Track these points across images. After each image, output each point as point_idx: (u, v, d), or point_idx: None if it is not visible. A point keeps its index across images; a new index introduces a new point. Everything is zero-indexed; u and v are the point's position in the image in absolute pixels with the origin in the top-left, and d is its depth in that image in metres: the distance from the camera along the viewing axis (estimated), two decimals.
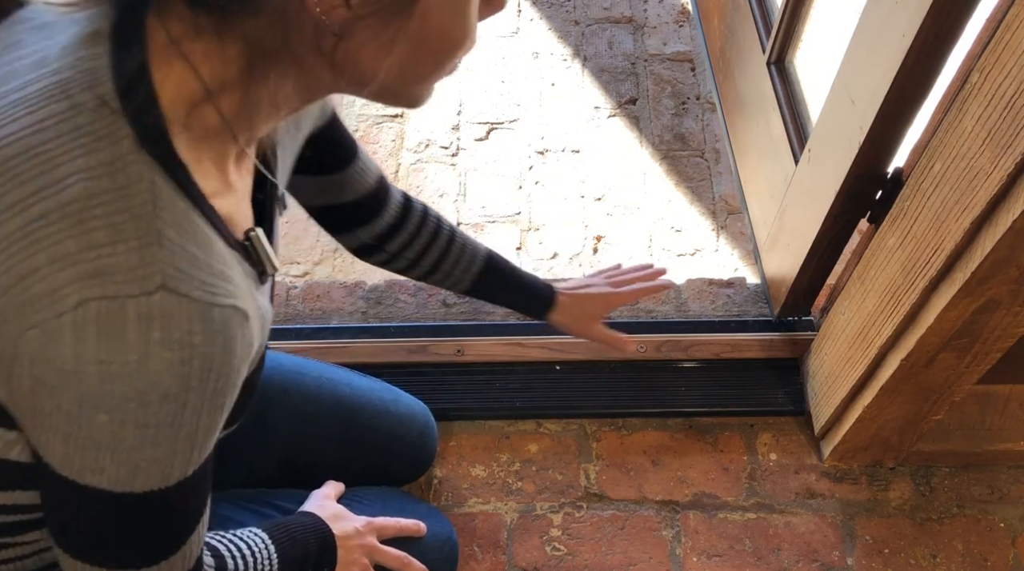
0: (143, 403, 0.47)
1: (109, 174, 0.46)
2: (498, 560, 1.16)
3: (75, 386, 0.46)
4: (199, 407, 0.50)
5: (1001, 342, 0.96)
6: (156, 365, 0.46)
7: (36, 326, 0.45)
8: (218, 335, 0.49)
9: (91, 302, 0.45)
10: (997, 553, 1.18)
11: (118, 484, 0.51)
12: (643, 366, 1.31)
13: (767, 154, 1.39)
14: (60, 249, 0.45)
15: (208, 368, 0.49)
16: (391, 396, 1.11)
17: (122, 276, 0.45)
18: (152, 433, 0.49)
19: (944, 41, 0.87)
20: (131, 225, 0.46)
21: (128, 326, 0.45)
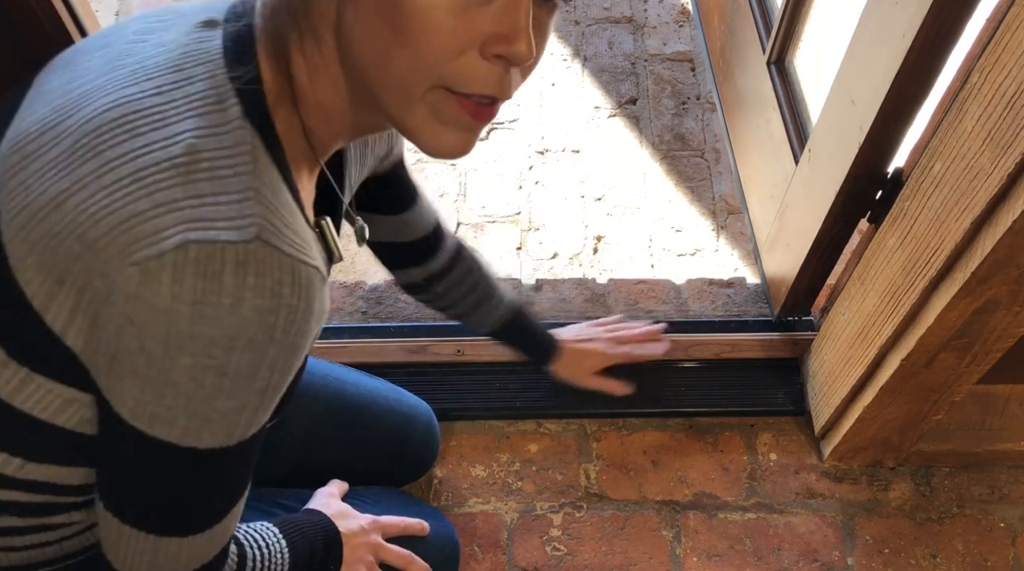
0: (228, 348, 0.49)
1: (216, 135, 0.51)
2: (498, 560, 1.16)
3: (165, 325, 0.48)
4: (276, 361, 0.52)
5: (1001, 342, 0.96)
6: (247, 310, 0.48)
7: (137, 264, 0.47)
8: (303, 290, 0.51)
9: (192, 244, 0.47)
10: (997, 553, 1.18)
11: (185, 438, 0.53)
12: (643, 366, 1.31)
13: (767, 154, 1.39)
14: (166, 195, 0.48)
15: (291, 320, 0.51)
16: (395, 396, 1.11)
17: (223, 223, 0.48)
18: (229, 383, 0.51)
19: (944, 41, 0.87)
20: (233, 180, 0.50)
21: (226, 269, 0.47)
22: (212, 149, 0.50)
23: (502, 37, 0.50)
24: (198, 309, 0.47)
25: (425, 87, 0.52)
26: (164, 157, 0.49)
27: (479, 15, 0.49)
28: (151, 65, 0.54)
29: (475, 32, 0.50)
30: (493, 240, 1.55)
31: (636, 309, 1.40)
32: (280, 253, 0.49)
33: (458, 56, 0.51)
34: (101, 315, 0.49)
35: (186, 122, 0.50)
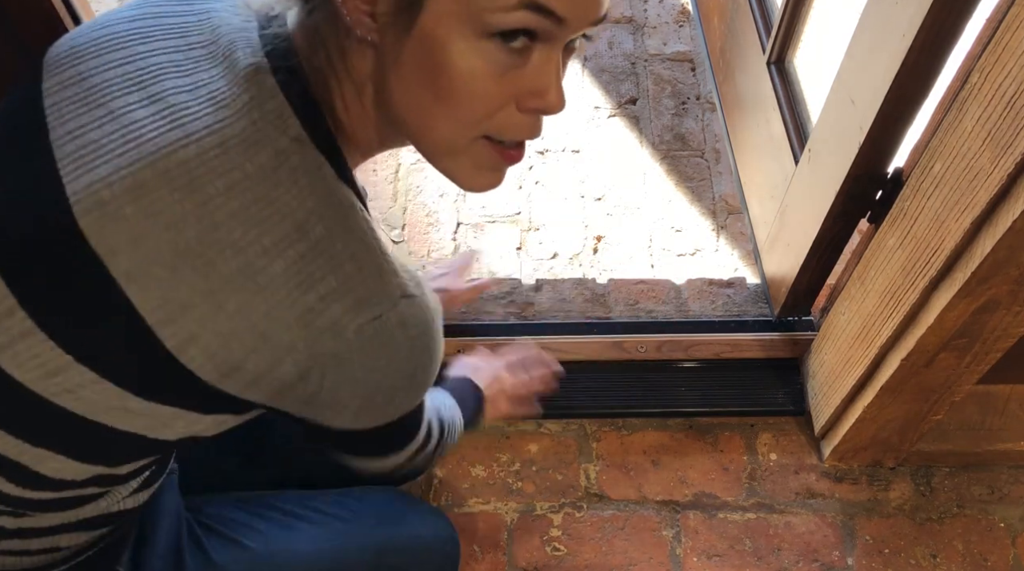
0: (410, 376, 0.60)
1: (332, 207, 0.54)
2: (498, 560, 1.16)
3: (364, 386, 0.57)
4: (436, 357, 0.62)
5: (1001, 342, 0.96)
6: (416, 352, 0.58)
7: (327, 354, 0.54)
8: (431, 305, 0.60)
9: (366, 325, 0.54)
10: (997, 553, 1.18)
11: (388, 416, 0.63)
12: (643, 366, 1.31)
13: (767, 154, 1.39)
14: (325, 286, 0.53)
15: (437, 329, 0.60)
16: None
17: (377, 298, 0.55)
18: (415, 388, 0.62)
19: (944, 41, 0.87)
20: (365, 253, 0.55)
21: (395, 333, 0.55)
22: (336, 226, 0.53)
23: (537, 93, 0.54)
24: (386, 368, 0.57)
25: (468, 141, 0.56)
26: (306, 248, 0.52)
27: (516, 76, 0.52)
28: (231, 138, 0.53)
29: (512, 90, 0.53)
30: (493, 240, 1.55)
31: (636, 309, 1.40)
32: (415, 297, 0.57)
33: (497, 112, 0.54)
34: (297, 388, 0.56)
35: (305, 204, 0.53)
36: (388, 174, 1.63)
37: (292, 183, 0.53)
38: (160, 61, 0.57)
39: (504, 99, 0.53)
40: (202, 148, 0.53)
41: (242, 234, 0.51)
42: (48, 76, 0.58)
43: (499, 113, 0.54)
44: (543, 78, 0.53)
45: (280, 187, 0.53)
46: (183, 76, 0.56)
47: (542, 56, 0.52)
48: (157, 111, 0.54)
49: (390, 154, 1.66)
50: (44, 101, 0.56)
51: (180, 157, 0.52)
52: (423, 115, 0.55)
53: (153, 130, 0.53)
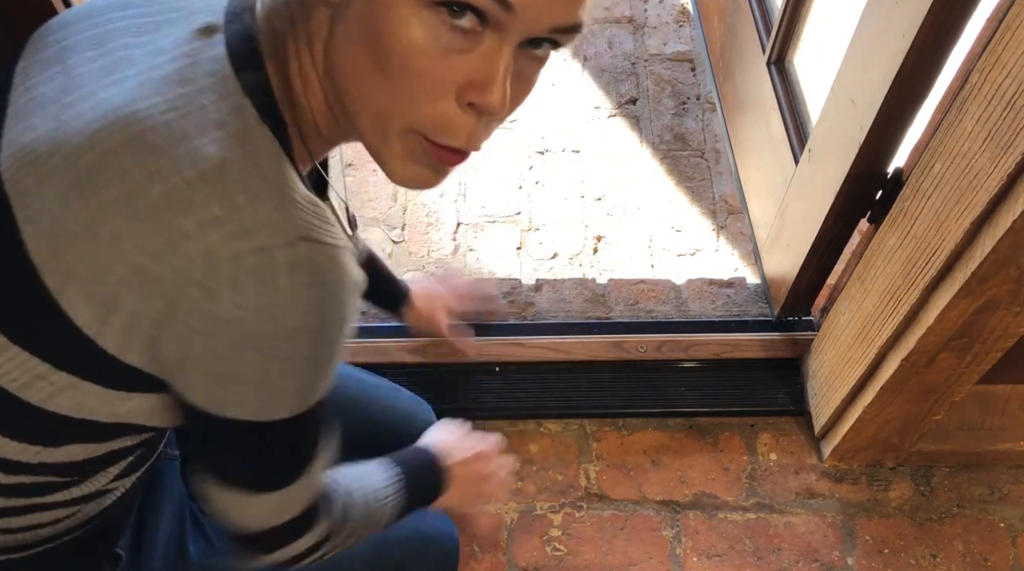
0: (290, 339, 0.52)
1: (239, 144, 0.51)
2: (498, 560, 1.16)
3: (232, 330, 0.51)
4: (332, 337, 0.55)
5: (1001, 342, 0.96)
6: (303, 305, 0.52)
7: (196, 283, 0.49)
8: (344, 273, 0.54)
9: (245, 255, 0.49)
10: (997, 553, 1.18)
11: (258, 415, 0.56)
12: (643, 366, 1.31)
13: (767, 154, 1.39)
14: (206, 213, 0.49)
15: (340, 301, 0.54)
16: (395, 393, 1.11)
17: (267, 231, 0.50)
18: (293, 366, 0.54)
19: (944, 41, 0.87)
20: (265, 188, 0.51)
21: (279, 273, 0.50)
22: (238, 159, 0.51)
23: (477, 86, 0.51)
24: (261, 312, 0.50)
25: (400, 127, 0.54)
26: (193, 174, 0.50)
27: (459, 61, 0.50)
28: (157, 78, 0.53)
29: (453, 78, 0.50)
30: (493, 240, 1.55)
31: (636, 309, 1.40)
32: (322, 245, 0.52)
33: (435, 101, 0.51)
34: (164, 332, 0.51)
35: (207, 135, 0.51)
36: None
37: (200, 115, 0.51)
38: (126, 25, 0.58)
39: (443, 85, 0.51)
40: (123, 87, 0.53)
41: (131, 159, 0.50)
42: (29, 47, 0.60)
43: (437, 103, 0.51)
44: (487, 69, 0.50)
45: (187, 118, 0.51)
46: (139, 35, 0.57)
47: (491, 46, 0.50)
48: (101, 65, 0.55)
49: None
50: (17, 65, 0.59)
51: (101, 96, 0.53)
52: (360, 83, 0.53)
53: (89, 79, 0.54)
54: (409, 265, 1.53)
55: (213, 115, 0.52)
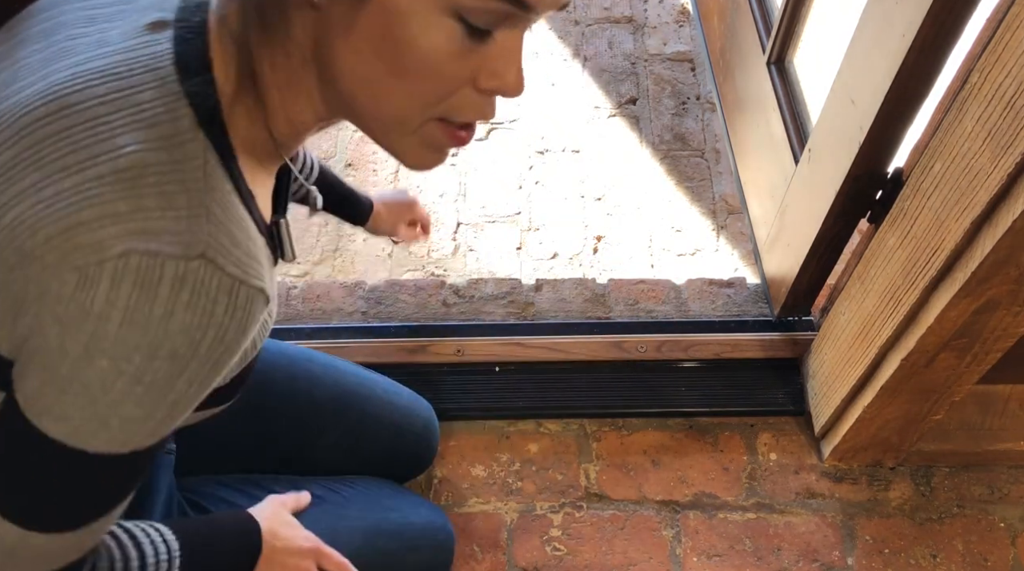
0: (149, 357, 0.49)
1: (166, 148, 0.49)
2: (498, 560, 1.16)
3: (93, 328, 0.48)
4: (194, 376, 0.52)
5: (1001, 342, 0.96)
6: (175, 324, 0.49)
7: (76, 269, 0.47)
8: (239, 311, 0.51)
9: (134, 254, 0.47)
10: (997, 553, 1.18)
11: (73, 437, 0.51)
12: (643, 366, 1.31)
13: (767, 154, 1.39)
14: (110, 208, 0.47)
15: (219, 339, 0.51)
16: (395, 390, 1.11)
17: (167, 237, 0.48)
18: (141, 391, 0.50)
19: (944, 41, 0.87)
20: (182, 197, 0.49)
21: (163, 282, 0.48)
22: (160, 162, 0.49)
23: (497, 74, 0.51)
24: (128, 315, 0.47)
25: (420, 122, 0.53)
26: (108, 170, 0.48)
27: (477, 55, 0.50)
28: (94, 69, 0.51)
29: (472, 72, 0.51)
30: (493, 240, 1.55)
31: (636, 309, 1.40)
32: (222, 273, 0.49)
33: (454, 93, 0.52)
34: (28, 314, 0.49)
35: (132, 134, 0.49)
36: (388, 174, 1.63)
37: (131, 114, 0.49)
38: (76, 17, 0.56)
39: (463, 79, 0.51)
40: (60, 80, 0.51)
41: (51, 151, 0.49)
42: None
43: (456, 93, 0.52)
44: (505, 61, 0.51)
45: (115, 115, 0.49)
46: (88, 26, 0.55)
47: (506, 38, 0.50)
48: (43, 56, 0.54)
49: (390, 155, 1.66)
50: None
51: (35, 87, 0.52)
52: (375, 89, 0.51)
53: (28, 71, 0.53)
54: (409, 265, 1.53)
55: (146, 114, 0.50)
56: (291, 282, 1.44)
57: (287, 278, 1.53)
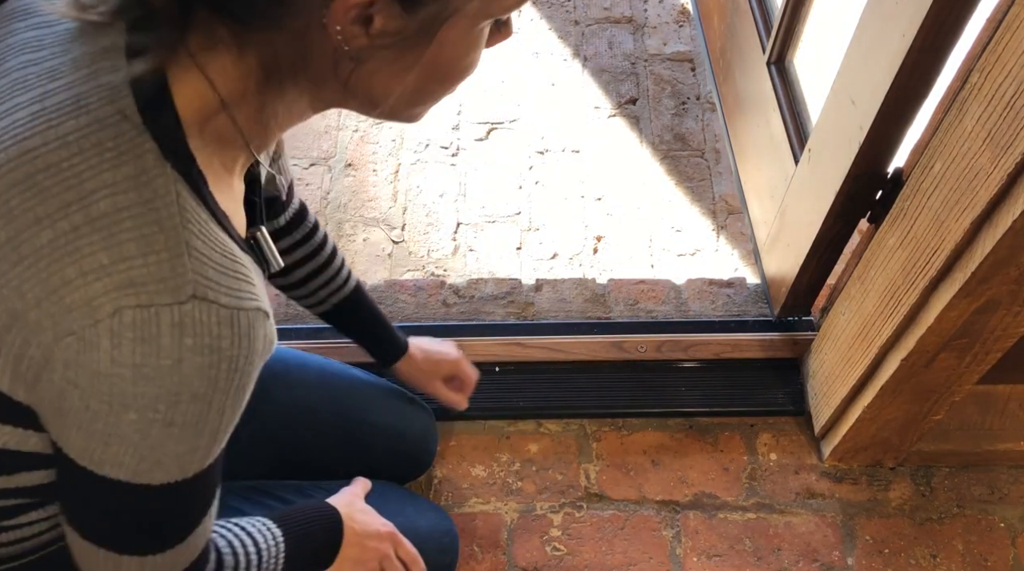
0: (172, 403, 0.50)
1: (135, 188, 0.48)
2: (498, 560, 1.16)
3: (108, 387, 0.48)
4: (223, 405, 0.52)
5: (1001, 342, 0.96)
6: (187, 369, 0.49)
7: (73, 333, 0.47)
8: (244, 338, 0.51)
9: (127, 310, 0.47)
10: (997, 553, 1.18)
11: (136, 476, 0.53)
12: (643, 366, 1.31)
13: (767, 154, 1.39)
14: (92, 261, 0.47)
15: (234, 369, 0.51)
16: (393, 392, 1.11)
17: (155, 286, 0.47)
18: (177, 431, 0.51)
19: (944, 41, 0.87)
20: (160, 237, 0.48)
21: (163, 332, 0.47)
22: (132, 205, 0.48)
23: (502, 39, 0.57)
24: (139, 371, 0.48)
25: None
26: (82, 220, 0.47)
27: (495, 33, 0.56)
28: (50, 106, 0.49)
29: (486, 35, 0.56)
30: (493, 240, 1.55)
31: (636, 309, 1.40)
32: (217, 307, 0.49)
33: None
34: (42, 379, 0.49)
35: (99, 178, 0.48)
36: (388, 174, 1.63)
37: (95, 154, 0.48)
38: (24, 39, 0.54)
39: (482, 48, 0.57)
40: (15, 118, 0.49)
41: (19, 202, 0.47)
42: None
43: None
44: (508, 30, 0.57)
45: (78, 157, 0.48)
46: (37, 51, 0.52)
47: None
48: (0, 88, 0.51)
49: (390, 154, 1.66)
50: None
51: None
52: (415, 98, 0.57)
53: None
54: (409, 265, 1.53)
55: (109, 154, 0.48)
56: None
57: None
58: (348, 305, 1.03)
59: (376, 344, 1.09)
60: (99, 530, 0.58)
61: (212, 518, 0.63)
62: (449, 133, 1.71)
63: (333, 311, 1.03)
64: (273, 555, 0.75)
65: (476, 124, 1.72)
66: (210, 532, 0.64)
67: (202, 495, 0.59)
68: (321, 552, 0.84)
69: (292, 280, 1.00)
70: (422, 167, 1.65)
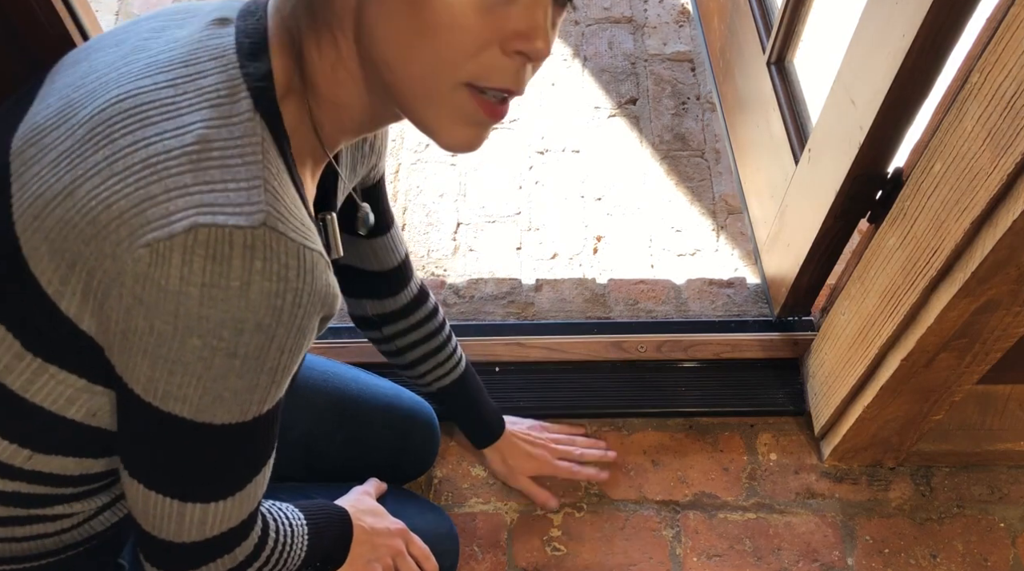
0: (237, 331, 0.51)
1: (227, 125, 0.52)
2: (498, 560, 1.16)
3: (175, 306, 0.49)
4: (284, 343, 0.53)
5: (1001, 342, 0.96)
6: (255, 293, 0.50)
7: (148, 245, 0.48)
8: (308, 274, 0.52)
9: (202, 228, 0.48)
10: (997, 553, 1.18)
11: (199, 413, 0.54)
12: (643, 366, 1.31)
13: (767, 154, 1.39)
14: (177, 181, 0.49)
15: (298, 304, 0.52)
16: (395, 393, 1.11)
17: (232, 209, 0.49)
18: (239, 364, 0.52)
19: (944, 41, 0.87)
20: (242, 169, 0.51)
21: (234, 253, 0.49)
22: (223, 139, 0.52)
23: (523, 35, 0.53)
24: (207, 291, 0.49)
25: (449, 85, 0.54)
26: (176, 145, 0.50)
27: (503, 13, 0.52)
28: (163, 59, 0.55)
29: (498, 29, 0.52)
30: (493, 240, 1.55)
31: (636, 309, 1.40)
32: (286, 238, 0.51)
33: (480, 52, 0.53)
34: (111, 295, 0.50)
35: (198, 113, 0.52)
36: (388, 174, 1.63)
37: (197, 95, 0.53)
38: (150, 27, 0.60)
39: (488, 37, 0.53)
40: (132, 68, 0.55)
41: (123, 128, 0.51)
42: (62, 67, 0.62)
43: (482, 54, 0.53)
44: (531, 18, 0.53)
45: (182, 96, 0.53)
46: (160, 32, 0.59)
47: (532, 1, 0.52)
48: (118, 54, 0.58)
49: (390, 154, 1.66)
50: (47, 75, 0.61)
51: (110, 76, 0.55)
52: (403, 51, 0.53)
53: (103, 65, 0.57)
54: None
55: (209, 95, 0.53)
56: None
57: None
58: (447, 394, 1.09)
59: (469, 428, 1.14)
60: (163, 478, 0.59)
61: (268, 472, 0.64)
62: None
63: (435, 395, 1.10)
64: (300, 535, 0.77)
65: None
66: (265, 486, 0.65)
67: (262, 443, 0.60)
68: (332, 549, 0.85)
69: (404, 361, 1.06)
70: (422, 167, 1.65)
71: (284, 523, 0.75)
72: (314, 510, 0.83)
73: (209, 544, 0.63)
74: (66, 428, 0.59)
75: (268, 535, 0.71)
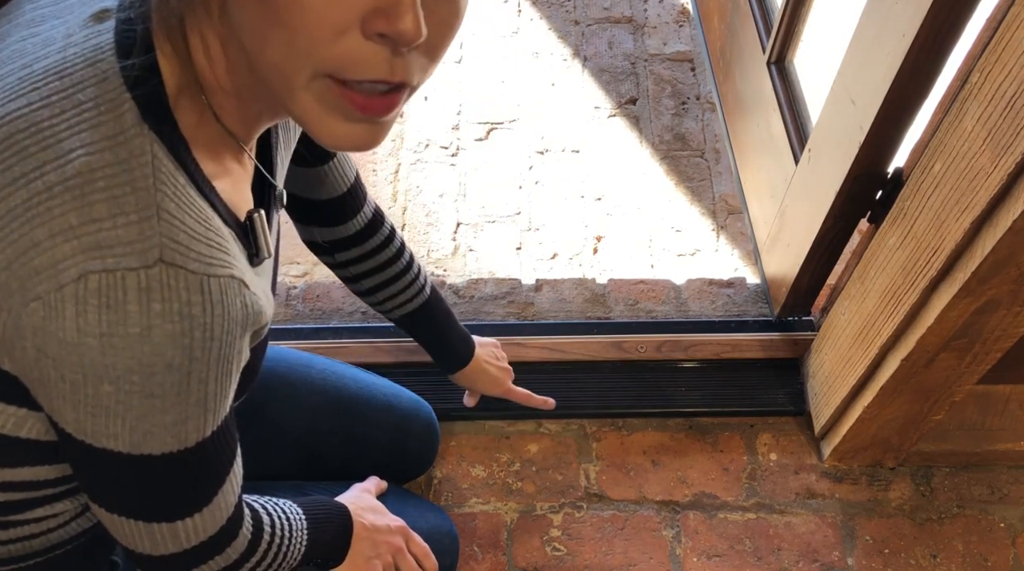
0: (147, 374, 0.48)
1: (111, 147, 0.47)
2: (498, 560, 1.16)
3: (78, 357, 0.46)
4: (204, 375, 0.51)
5: (1001, 342, 0.96)
6: (158, 337, 0.47)
7: (39, 298, 0.45)
8: (216, 305, 0.49)
9: (92, 275, 0.45)
10: (997, 553, 1.18)
11: (134, 448, 0.52)
12: (643, 366, 1.31)
13: (767, 154, 1.39)
14: (61, 222, 0.45)
15: (209, 337, 0.49)
16: (395, 392, 1.11)
17: (121, 249, 0.46)
18: (159, 402, 0.50)
19: (944, 41, 0.87)
20: (131, 198, 0.47)
21: (129, 298, 0.46)
22: (107, 165, 0.47)
23: (382, 12, 0.44)
24: (107, 340, 0.46)
25: (307, 75, 0.47)
26: (56, 179, 0.46)
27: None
28: (38, 70, 0.49)
29: (352, 8, 0.44)
30: (493, 240, 1.55)
31: (636, 309, 1.40)
32: (185, 272, 0.48)
33: (337, 37, 0.45)
34: (16, 347, 0.48)
35: (77, 137, 0.47)
36: (388, 174, 1.63)
37: (75, 114, 0.47)
38: (30, 17, 0.54)
39: (342, 17, 0.44)
40: (5, 88, 0.49)
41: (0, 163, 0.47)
42: None
43: (341, 39, 0.45)
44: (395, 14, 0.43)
45: (59, 117, 0.47)
46: (38, 25, 0.52)
47: None
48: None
49: (390, 154, 1.66)
50: None
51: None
52: (257, 39, 0.47)
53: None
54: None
55: (88, 113, 0.48)
56: (291, 282, 1.44)
57: (287, 278, 1.53)
58: (411, 321, 1.07)
59: (437, 355, 1.12)
60: (120, 503, 0.57)
61: (237, 476, 0.62)
62: (449, 133, 1.70)
63: (399, 320, 1.07)
64: (299, 530, 0.75)
65: (476, 124, 1.72)
66: (238, 489, 0.63)
67: (215, 461, 0.58)
68: (332, 545, 0.84)
69: (360, 288, 1.03)
70: (422, 167, 1.65)
71: (282, 518, 0.74)
72: (314, 506, 0.82)
73: (191, 552, 0.62)
74: (25, 445, 0.56)
75: (263, 531, 0.70)
